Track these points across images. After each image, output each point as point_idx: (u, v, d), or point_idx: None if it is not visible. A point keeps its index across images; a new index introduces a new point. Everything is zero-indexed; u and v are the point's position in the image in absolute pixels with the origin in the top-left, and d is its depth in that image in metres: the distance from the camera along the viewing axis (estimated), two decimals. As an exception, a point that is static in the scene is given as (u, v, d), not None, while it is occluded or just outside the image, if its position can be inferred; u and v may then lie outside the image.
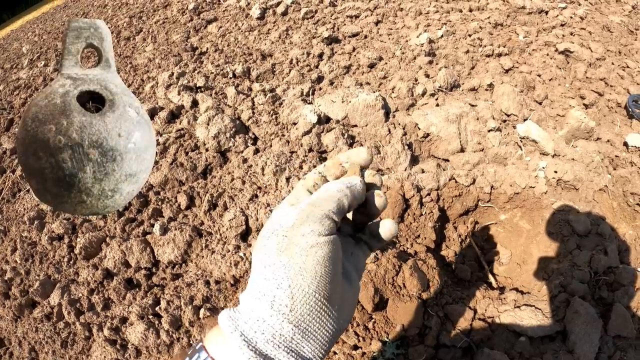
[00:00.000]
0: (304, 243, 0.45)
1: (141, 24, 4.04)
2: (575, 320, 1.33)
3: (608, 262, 1.53)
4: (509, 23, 3.01)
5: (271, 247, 0.47)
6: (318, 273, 0.44)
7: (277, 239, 0.47)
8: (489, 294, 1.50)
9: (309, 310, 0.43)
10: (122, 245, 1.81)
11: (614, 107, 2.31)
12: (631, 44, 2.85)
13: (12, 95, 3.50)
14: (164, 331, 1.55)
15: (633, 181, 1.86)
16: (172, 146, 2.20)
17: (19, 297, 1.79)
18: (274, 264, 0.45)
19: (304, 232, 0.46)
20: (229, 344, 0.43)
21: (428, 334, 1.36)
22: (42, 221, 2.08)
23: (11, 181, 2.46)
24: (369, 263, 1.41)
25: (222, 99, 2.46)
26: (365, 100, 2.06)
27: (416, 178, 1.84)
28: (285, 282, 0.43)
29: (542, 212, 1.81)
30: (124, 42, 3.77)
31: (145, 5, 4.49)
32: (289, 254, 0.45)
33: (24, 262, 1.92)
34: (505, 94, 2.20)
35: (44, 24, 5.98)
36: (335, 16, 3.26)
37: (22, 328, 1.71)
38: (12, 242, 2.05)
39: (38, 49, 4.60)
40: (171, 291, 1.67)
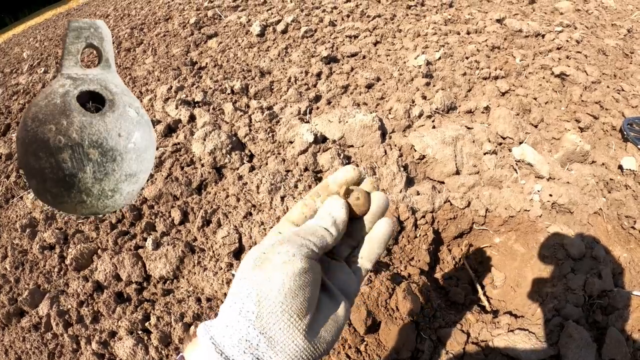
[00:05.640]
0: (278, 259, 0.47)
1: (142, 36, 4.06)
2: (569, 344, 1.32)
3: (602, 286, 1.53)
4: (506, 46, 3.05)
5: (249, 262, 0.49)
6: (286, 285, 0.45)
7: (256, 254, 0.49)
8: (482, 317, 1.49)
9: (275, 319, 0.44)
10: (114, 258, 1.79)
11: (609, 130, 2.34)
12: (626, 67, 2.89)
13: (11, 100, 3.49)
14: (152, 347, 1.53)
15: (628, 204, 1.87)
16: (167, 160, 2.19)
17: (7, 305, 1.76)
18: (247, 277, 0.48)
19: (280, 251, 0.48)
20: (202, 349, 0.46)
21: (420, 357, 1.35)
22: (34, 229, 2.06)
23: (5, 187, 2.43)
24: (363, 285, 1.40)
25: (219, 114, 2.47)
26: (362, 121, 2.07)
27: (411, 200, 1.84)
28: (254, 292, 0.46)
29: (536, 236, 1.81)
30: (125, 53, 3.79)
31: (147, 18, 4.52)
32: (262, 267, 0.47)
33: (14, 270, 1.90)
34: (502, 117, 2.22)
35: (46, 30, 6.01)
36: (335, 36, 3.30)
37: (9, 336, 1.68)
38: (2, 249, 2.02)
39: (39, 55, 4.61)
40: (162, 307, 1.65)
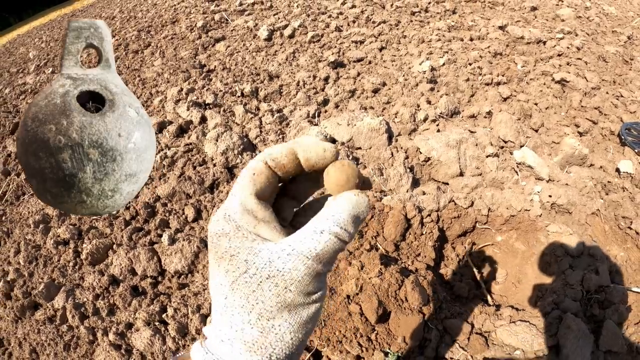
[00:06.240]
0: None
1: (149, 38, 4.12)
2: (567, 335, 1.40)
3: (599, 282, 1.62)
4: (508, 52, 3.14)
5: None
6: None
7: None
8: (485, 309, 1.58)
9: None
10: (130, 253, 1.85)
11: (607, 134, 2.42)
12: (625, 73, 2.98)
13: (18, 100, 3.53)
14: (170, 337, 1.59)
15: (624, 206, 1.95)
16: (180, 160, 2.26)
17: (21, 298, 1.80)
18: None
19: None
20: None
21: (428, 346, 1.43)
22: (47, 225, 2.11)
23: (15, 184, 2.48)
24: (374, 277, 1.47)
25: (230, 116, 2.54)
26: (370, 124, 2.15)
27: (417, 199, 1.92)
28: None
29: (536, 234, 1.89)
30: (132, 55, 3.84)
31: (154, 20, 4.59)
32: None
33: (27, 264, 1.94)
34: (503, 122, 2.30)
35: (51, 31, 6.05)
36: (341, 41, 3.38)
37: (22, 329, 1.72)
38: (15, 244, 2.07)
39: (45, 56, 4.65)
40: (178, 299, 1.71)
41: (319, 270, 0.40)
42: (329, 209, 0.41)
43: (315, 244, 0.39)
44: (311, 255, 0.39)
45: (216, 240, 0.43)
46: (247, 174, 0.45)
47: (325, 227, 0.40)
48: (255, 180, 0.45)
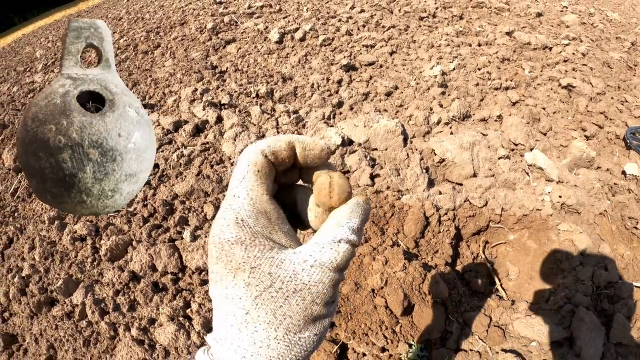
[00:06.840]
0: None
1: (159, 39, 4.16)
2: (580, 327, 1.46)
3: (609, 278, 1.68)
4: (515, 58, 3.21)
5: None
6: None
7: None
8: (502, 303, 1.65)
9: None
10: (150, 250, 1.87)
11: (613, 138, 2.49)
12: (630, 79, 3.05)
13: (26, 98, 3.54)
14: (194, 332, 1.61)
15: (630, 207, 2.02)
16: (196, 158, 2.30)
17: (37, 294, 1.80)
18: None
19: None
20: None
21: (449, 338, 1.49)
22: (62, 222, 2.12)
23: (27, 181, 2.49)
24: (399, 271, 1.53)
25: (245, 117, 2.59)
26: (386, 126, 2.21)
27: (434, 199, 1.97)
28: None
29: (548, 233, 1.95)
30: (142, 56, 3.87)
31: (162, 22, 4.62)
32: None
33: (43, 261, 1.94)
34: (513, 125, 2.37)
35: (57, 31, 6.05)
36: (352, 45, 3.44)
37: (39, 325, 1.72)
38: (29, 240, 2.07)
39: (52, 55, 4.67)
40: (202, 295, 1.74)
41: (339, 280, 0.41)
42: (343, 216, 0.41)
43: (334, 254, 0.39)
44: (332, 266, 0.39)
45: (228, 248, 0.40)
46: (248, 169, 0.43)
47: (343, 235, 0.40)
48: (262, 176, 0.43)
